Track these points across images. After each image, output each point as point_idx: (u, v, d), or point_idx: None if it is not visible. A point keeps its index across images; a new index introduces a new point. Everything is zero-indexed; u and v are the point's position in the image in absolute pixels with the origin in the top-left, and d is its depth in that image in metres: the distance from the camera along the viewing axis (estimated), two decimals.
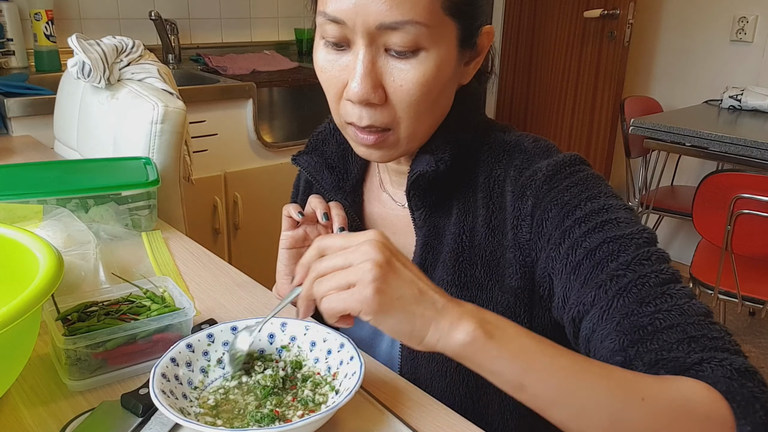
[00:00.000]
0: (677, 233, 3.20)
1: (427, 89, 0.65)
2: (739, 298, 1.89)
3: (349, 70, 0.65)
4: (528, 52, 3.39)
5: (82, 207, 1.01)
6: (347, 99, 0.66)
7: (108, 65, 1.30)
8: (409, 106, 0.65)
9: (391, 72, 0.64)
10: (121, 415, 0.61)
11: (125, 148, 1.27)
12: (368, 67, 0.63)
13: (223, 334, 0.68)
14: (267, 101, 2.55)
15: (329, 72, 0.67)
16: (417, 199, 0.75)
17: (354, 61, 0.64)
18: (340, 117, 0.70)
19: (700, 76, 2.97)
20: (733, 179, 1.82)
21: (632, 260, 0.62)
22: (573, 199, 0.67)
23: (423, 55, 0.64)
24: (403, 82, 0.64)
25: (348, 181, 0.83)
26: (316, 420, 0.56)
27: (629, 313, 0.60)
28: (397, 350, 0.79)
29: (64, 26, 2.26)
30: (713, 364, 0.56)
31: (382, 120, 0.66)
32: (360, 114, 0.66)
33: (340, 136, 0.84)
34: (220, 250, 2.20)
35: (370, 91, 0.64)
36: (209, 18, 2.68)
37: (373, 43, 0.63)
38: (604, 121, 3.10)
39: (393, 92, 0.65)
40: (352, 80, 0.64)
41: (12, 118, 1.76)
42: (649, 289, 0.61)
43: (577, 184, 0.69)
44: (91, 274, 0.84)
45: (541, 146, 0.73)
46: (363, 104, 0.65)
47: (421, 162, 0.72)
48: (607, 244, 0.64)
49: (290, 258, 0.80)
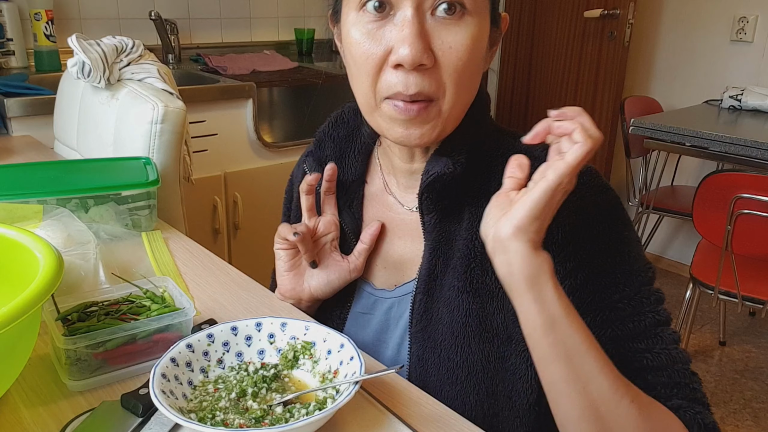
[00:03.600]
0: (677, 233, 3.20)
1: (473, 54, 0.64)
2: (739, 298, 1.89)
3: (393, 37, 0.63)
4: (528, 52, 3.39)
5: (82, 207, 1.01)
6: (397, 64, 0.63)
7: (108, 65, 1.30)
8: (456, 70, 0.64)
9: (439, 34, 0.63)
10: (121, 415, 0.61)
11: (125, 148, 1.27)
12: (419, 28, 0.62)
13: (223, 334, 0.68)
14: (267, 101, 2.55)
15: (368, 43, 0.65)
16: (429, 203, 0.73)
17: (402, 24, 0.63)
18: (374, 96, 0.67)
19: (700, 76, 2.97)
20: (733, 179, 1.82)
21: (634, 296, 0.67)
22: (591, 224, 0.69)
23: (468, 20, 0.64)
24: (453, 43, 0.63)
25: (343, 182, 0.82)
26: (316, 420, 0.56)
27: (621, 346, 0.66)
28: (405, 356, 0.77)
29: (64, 26, 2.27)
30: (689, 413, 0.63)
31: (430, 87, 0.64)
32: (407, 82, 0.63)
33: (339, 137, 0.84)
34: (220, 250, 2.20)
35: (423, 52, 0.62)
36: (209, 18, 2.68)
37: (421, 5, 0.62)
38: (604, 121, 3.10)
39: (442, 55, 0.63)
40: (401, 45, 0.62)
41: (12, 118, 1.76)
42: (644, 328, 0.67)
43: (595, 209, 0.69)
44: (91, 274, 0.84)
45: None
46: (414, 68, 0.63)
47: (437, 163, 0.71)
48: (614, 270, 0.68)
49: (288, 255, 0.80)
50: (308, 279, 0.81)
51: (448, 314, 0.73)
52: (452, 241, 0.74)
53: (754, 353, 2.50)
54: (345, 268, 0.80)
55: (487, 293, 0.72)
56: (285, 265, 0.81)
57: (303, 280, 0.81)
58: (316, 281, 0.80)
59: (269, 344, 0.69)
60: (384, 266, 0.81)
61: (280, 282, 0.83)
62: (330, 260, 0.80)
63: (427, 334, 0.75)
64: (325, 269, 0.80)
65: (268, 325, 0.70)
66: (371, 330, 0.81)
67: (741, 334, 2.64)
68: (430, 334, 0.74)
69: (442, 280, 0.74)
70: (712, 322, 2.72)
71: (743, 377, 2.34)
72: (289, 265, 0.81)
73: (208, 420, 0.58)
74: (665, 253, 3.26)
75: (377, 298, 0.81)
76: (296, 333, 0.69)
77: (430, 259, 0.75)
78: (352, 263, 0.80)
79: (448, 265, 0.74)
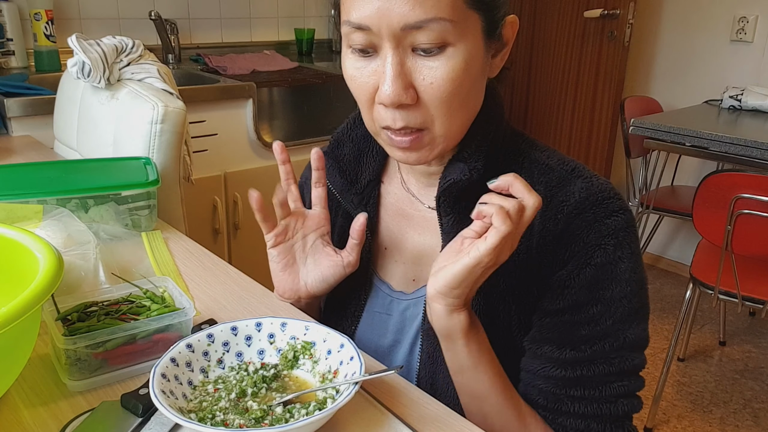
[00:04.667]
0: (677, 233, 3.20)
1: (457, 84, 0.64)
2: (739, 299, 1.89)
3: (378, 75, 0.65)
4: (528, 52, 3.39)
5: (82, 207, 1.01)
6: (380, 103, 0.66)
7: (108, 65, 1.30)
8: (442, 103, 0.65)
9: (420, 71, 0.64)
10: (120, 415, 0.61)
11: (125, 148, 1.27)
12: (398, 69, 0.63)
13: (223, 334, 0.68)
14: (267, 101, 2.55)
15: (359, 79, 0.67)
16: (447, 206, 0.74)
17: (383, 64, 0.64)
18: (373, 123, 0.70)
19: (700, 76, 2.97)
20: (733, 179, 1.82)
21: (600, 339, 0.69)
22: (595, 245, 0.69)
23: (450, 51, 0.63)
24: (433, 79, 0.64)
25: (359, 182, 0.83)
26: (316, 420, 0.56)
27: (560, 387, 0.70)
28: (416, 359, 0.79)
29: (64, 26, 2.27)
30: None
31: (416, 120, 0.66)
32: (393, 116, 0.66)
33: (358, 136, 0.83)
34: (220, 250, 2.20)
35: (402, 93, 0.63)
36: (209, 18, 2.68)
37: (400, 44, 0.63)
38: (604, 121, 3.10)
39: (424, 91, 0.64)
40: (383, 84, 0.64)
41: (12, 118, 1.76)
42: (591, 376, 0.70)
43: (604, 229, 0.69)
44: (91, 274, 0.84)
45: (567, 166, 0.74)
46: (395, 106, 0.65)
47: (454, 170, 0.72)
48: (593, 306, 0.69)
49: (280, 254, 0.80)
50: (303, 276, 0.81)
51: None
52: None
53: (754, 353, 2.50)
54: (339, 263, 0.79)
55: (496, 296, 0.74)
56: (278, 264, 0.81)
57: (299, 278, 0.81)
58: (312, 278, 0.80)
59: (269, 344, 0.69)
60: (403, 261, 0.82)
61: (277, 283, 0.82)
62: (322, 255, 0.80)
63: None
64: (319, 265, 0.80)
65: (268, 325, 0.70)
66: (389, 331, 0.82)
67: (741, 334, 2.64)
68: None
69: None
70: (712, 322, 2.72)
71: (743, 377, 2.34)
72: (283, 264, 0.80)
73: (208, 420, 0.58)
74: (665, 253, 3.26)
75: (393, 299, 0.82)
76: (296, 333, 0.69)
77: None
78: (345, 258, 0.79)
79: None
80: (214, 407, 0.60)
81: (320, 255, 0.80)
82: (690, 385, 2.28)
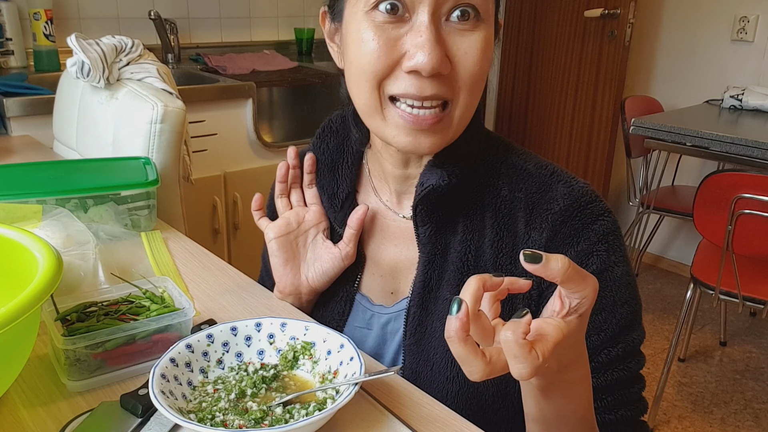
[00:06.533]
0: (678, 233, 3.20)
1: (486, 61, 0.64)
2: (740, 299, 1.89)
3: (407, 41, 0.62)
4: (528, 52, 3.39)
5: (82, 207, 1.01)
6: (413, 70, 0.61)
7: (107, 65, 1.30)
8: (471, 76, 0.64)
9: (454, 41, 0.63)
10: (120, 415, 0.60)
11: (124, 147, 1.27)
12: (436, 35, 0.61)
13: (222, 334, 0.68)
14: (267, 101, 2.55)
15: (379, 43, 0.62)
16: (424, 214, 0.73)
17: (418, 29, 0.61)
18: (382, 96, 0.65)
19: (700, 76, 2.97)
20: (734, 179, 1.82)
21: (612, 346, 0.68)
22: (588, 253, 0.68)
23: (481, 27, 0.63)
24: (468, 49, 0.63)
25: (337, 197, 0.81)
26: (316, 420, 0.55)
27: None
28: (401, 359, 0.78)
29: (63, 26, 2.26)
30: None
31: (444, 90, 0.64)
32: (421, 86, 0.62)
33: (328, 145, 0.82)
34: (220, 250, 2.20)
35: (441, 60, 0.61)
36: (209, 17, 2.68)
37: (438, 10, 0.62)
38: (605, 120, 3.09)
39: (458, 61, 0.63)
40: (418, 49, 0.60)
41: (11, 117, 1.76)
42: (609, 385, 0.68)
43: (594, 235, 0.69)
44: (90, 275, 0.84)
45: (546, 170, 0.73)
46: (431, 75, 0.61)
47: (432, 175, 0.70)
48: (598, 314, 0.68)
49: (280, 248, 0.80)
50: (304, 271, 0.81)
51: (441, 328, 0.73)
52: (447, 253, 0.74)
53: (755, 353, 2.50)
54: (337, 255, 0.79)
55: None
56: (279, 259, 0.81)
57: (300, 273, 0.81)
58: (312, 272, 0.81)
59: (269, 344, 0.69)
60: (380, 274, 0.81)
61: (278, 279, 0.82)
62: (323, 250, 0.80)
63: (421, 347, 0.75)
64: (319, 259, 0.80)
65: (268, 326, 0.69)
66: (369, 345, 0.81)
67: (742, 335, 2.64)
68: (424, 347, 0.74)
69: (436, 293, 0.74)
70: (712, 322, 2.72)
71: (744, 377, 2.34)
72: (283, 259, 0.80)
73: (208, 421, 0.58)
74: (666, 253, 3.26)
75: (374, 313, 0.81)
76: (296, 333, 0.69)
77: (424, 272, 0.74)
78: (342, 250, 0.79)
79: (442, 277, 0.74)
80: (214, 408, 0.60)
81: (320, 249, 0.81)
82: (691, 386, 2.28)
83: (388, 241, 0.80)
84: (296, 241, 0.81)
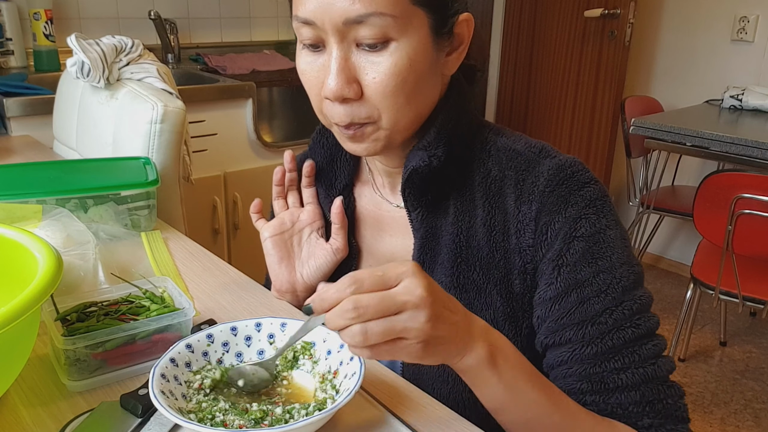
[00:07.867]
0: (678, 233, 3.20)
1: (401, 79, 0.65)
2: (740, 299, 1.89)
3: (325, 70, 0.66)
4: (528, 52, 3.39)
5: (82, 207, 1.01)
6: (325, 97, 0.67)
7: (107, 65, 1.30)
8: (385, 97, 0.65)
9: (363, 66, 0.65)
10: (120, 415, 0.60)
11: (124, 147, 1.27)
12: (341, 63, 0.64)
13: (222, 334, 0.68)
14: (267, 101, 2.55)
15: (309, 74, 0.69)
16: (413, 198, 0.74)
17: (328, 59, 0.65)
18: (325, 118, 0.71)
19: (700, 76, 2.97)
20: (733, 179, 1.82)
21: (616, 306, 0.67)
22: (577, 218, 0.68)
23: (393, 46, 0.64)
24: (376, 74, 0.64)
25: (335, 188, 0.84)
26: (316, 420, 0.55)
27: (598, 363, 0.66)
28: (398, 369, 0.78)
29: (63, 26, 2.26)
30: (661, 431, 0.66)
31: (361, 115, 0.67)
32: (340, 112, 0.67)
33: (327, 140, 0.85)
34: (220, 250, 2.20)
35: (345, 87, 0.64)
36: (209, 17, 2.68)
37: (344, 39, 0.64)
38: (605, 120, 3.09)
39: (367, 85, 0.65)
40: (327, 78, 0.65)
41: (11, 117, 1.76)
42: (622, 344, 0.66)
43: (581, 200, 0.69)
44: (90, 275, 0.84)
45: (535, 148, 0.73)
46: (339, 100, 0.66)
47: (414, 158, 0.72)
48: (596, 276, 0.67)
49: (274, 246, 0.82)
50: (299, 268, 0.83)
51: None
52: (439, 236, 0.75)
53: (755, 353, 2.50)
54: (329, 250, 0.82)
55: (474, 288, 0.73)
56: (274, 257, 0.83)
57: (295, 270, 0.83)
58: (307, 269, 0.83)
59: (269, 344, 0.69)
60: (377, 265, 0.81)
61: (275, 277, 0.84)
62: (317, 248, 0.83)
63: None
64: (313, 256, 0.83)
65: (268, 326, 0.70)
66: None
67: (742, 335, 2.64)
68: None
69: (431, 276, 0.74)
70: (712, 322, 2.72)
71: (744, 377, 2.34)
72: (278, 257, 0.83)
73: (208, 421, 0.58)
74: (666, 253, 3.26)
75: None
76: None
77: (419, 256, 0.76)
78: (333, 245, 0.82)
79: (436, 261, 0.75)
80: (214, 408, 0.60)
81: (314, 247, 0.83)
82: (690, 386, 2.28)
83: (384, 232, 0.82)
84: (291, 240, 0.84)
